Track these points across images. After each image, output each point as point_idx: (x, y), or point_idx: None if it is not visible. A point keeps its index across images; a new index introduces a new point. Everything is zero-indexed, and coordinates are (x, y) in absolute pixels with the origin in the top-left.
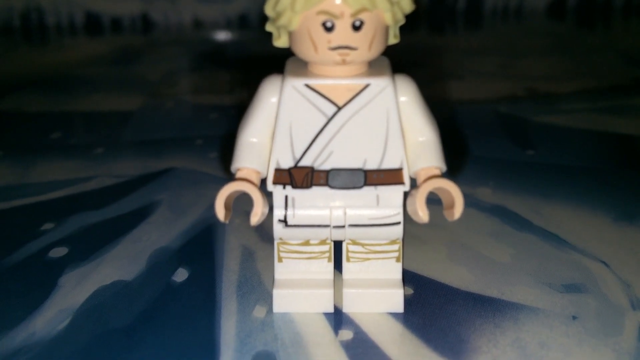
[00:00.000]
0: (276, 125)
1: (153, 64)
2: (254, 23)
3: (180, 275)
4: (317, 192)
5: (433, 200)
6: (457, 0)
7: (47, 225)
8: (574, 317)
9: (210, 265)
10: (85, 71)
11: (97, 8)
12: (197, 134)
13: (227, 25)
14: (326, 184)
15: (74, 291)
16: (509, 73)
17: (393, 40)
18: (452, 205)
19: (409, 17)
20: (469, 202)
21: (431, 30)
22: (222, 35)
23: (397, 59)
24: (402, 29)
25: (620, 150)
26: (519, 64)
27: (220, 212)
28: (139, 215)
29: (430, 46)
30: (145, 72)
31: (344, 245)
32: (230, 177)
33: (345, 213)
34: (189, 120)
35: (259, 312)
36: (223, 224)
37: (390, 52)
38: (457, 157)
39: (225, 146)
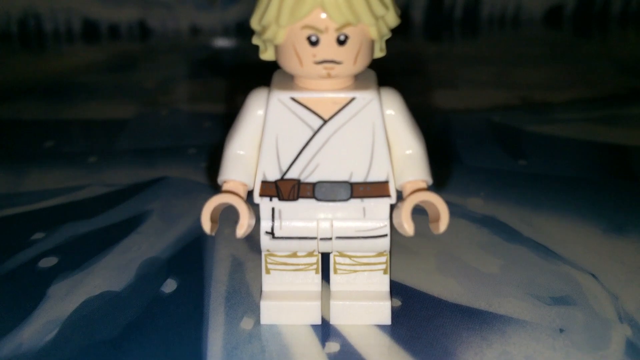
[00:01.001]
0: (262, 137)
1: (150, 71)
2: (251, 30)
3: (169, 286)
4: (304, 205)
5: (422, 211)
6: (453, 8)
7: (38, 235)
8: (561, 330)
9: (199, 276)
10: (82, 78)
11: (95, 15)
12: (190, 142)
13: (224, 33)
14: (313, 196)
15: (63, 302)
16: (504, 82)
17: (379, 53)
18: (437, 219)
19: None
20: (460, 212)
21: (427, 38)
22: (219, 43)
23: (393, 67)
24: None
25: (612, 161)
26: (515, 72)
27: (206, 225)
28: (130, 225)
29: (426, 54)
30: (142, 79)
31: (331, 257)
32: (217, 188)
33: (332, 225)
34: (183, 128)
35: (246, 323)
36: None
37: (386, 60)
38: (448, 167)
39: (216, 156)
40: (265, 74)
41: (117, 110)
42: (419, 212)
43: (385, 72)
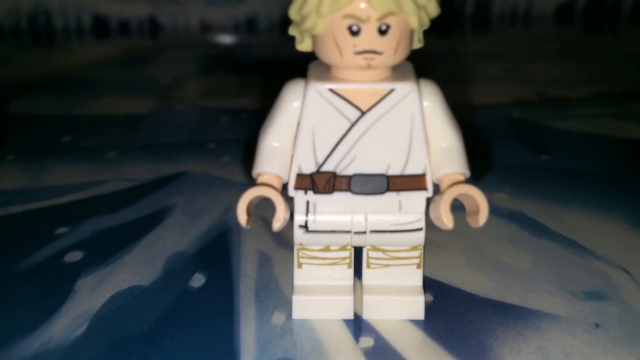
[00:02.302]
0: (299, 130)
1: (162, 67)
2: (261, 26)
3: (197, 280)
4: (339, 198)
5: (454, 207)
6: (464, 5)
7: (62, 229)
8: (597, 325)
9: (227, 270)
10: (93, 74)
11: (105, 11)
12: (208, 137)
13: (235, 29)
14: (348, 189)
15: (91, 296)
16: (517, 78)
17: (417, 44)
18: (476, 212)
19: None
20: None
21: (439, 35)
22: (229, 39)
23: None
24: None
25: (634, 156)
26: (528, 68)
27: (242, 218)
28: (154, 220)
29: (438, 50)
30: (155, 75)
31: (364, 251)
32: (251, 181)
33: (366, 219)
34: (200, 123)
35: (278, 318)
36: (238, 229)
37: None
38: (472, 163)
39: (238, 150)
40: (276, 70)
41: (132, 105)
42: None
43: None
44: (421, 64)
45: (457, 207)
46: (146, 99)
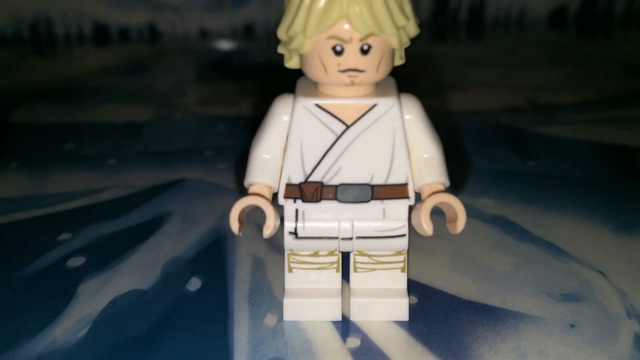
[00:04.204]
0: (288, 142)
1: (161, 74)
2: (259, 33)
3: (194, 284)
4: (326, 206)
5: (435, 212)
6: (458, 10)
7: (64, 236)
8: (572, 326)
9: (222, 274)
10: (94, 82)
11: (105, 18)
12: (206, 145)
13: (233, 35)
14: (335, 198)
15: (92, 300)
16: (510, 84)
17: (399, 61)
18: (455, 219)
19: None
20: (471, 212)
21: (433, 40)
22: (228, 45)
23: (398, 69)
24: None
25: (619, 161)
26: (520, 74)
27: (235, 226)
28: (152, 226)
29: (431, 56)
30: (154, 82)
31: (351, 256)
32: (243, 190)
33: (352, 225)
34: (198, 131)
35: (270, 320)
36: (233, 235)
37: None
38: (459, 168)
39: (234, 157)
40: (274, 76)
41: (132, 113)
42: (434, 213)
43: (390, 74)
44: (414, 70)
45: (440, 212)
46: (146, 107)
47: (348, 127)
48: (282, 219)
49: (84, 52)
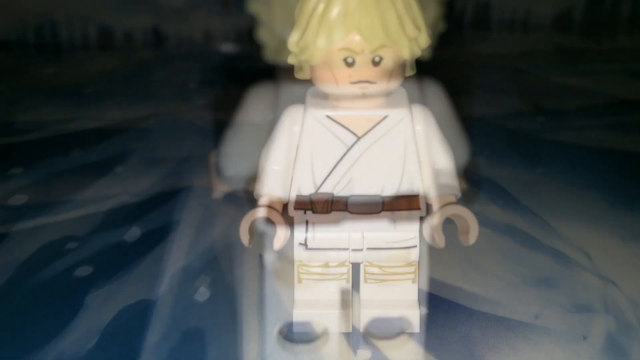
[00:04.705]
0: (298, 154)
1: (166, 78)
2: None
3: (202, 294)
4: (337, 217)
5: (447, 221)
6: (464, 14)
7: (71, 245)
8: (584, 337)
9: (231, 284)
10: (99, 86)
11: (110, 22)
12: (211, 151)
13: (238, 39)
14: (345, 209)
15: (101, 310)
16: (516, 88)
17: (409, 72)
18: (467, 231)
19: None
20: (480, 220)
21: (438, 43)
22: (233, 48)
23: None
24: None
25: (627, 168)
26: (526, 78)
27: (245, 238)
28: (160, 235)
29: (436, 59)
30: (159, 86)
31: (361, 267)
32: (251, 197)
33: (363, 236)
34: (204, 137)
35: (279, 331)
36: (242, 244)
37: None
38: (466, 175)
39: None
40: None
41: (137, 118)
42: (444, 222)
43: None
44: (419, 74)
45: (450, 221)
46: (152, 111)
47: (359, 138)
48: (292, 230)
49: (89, 56)
